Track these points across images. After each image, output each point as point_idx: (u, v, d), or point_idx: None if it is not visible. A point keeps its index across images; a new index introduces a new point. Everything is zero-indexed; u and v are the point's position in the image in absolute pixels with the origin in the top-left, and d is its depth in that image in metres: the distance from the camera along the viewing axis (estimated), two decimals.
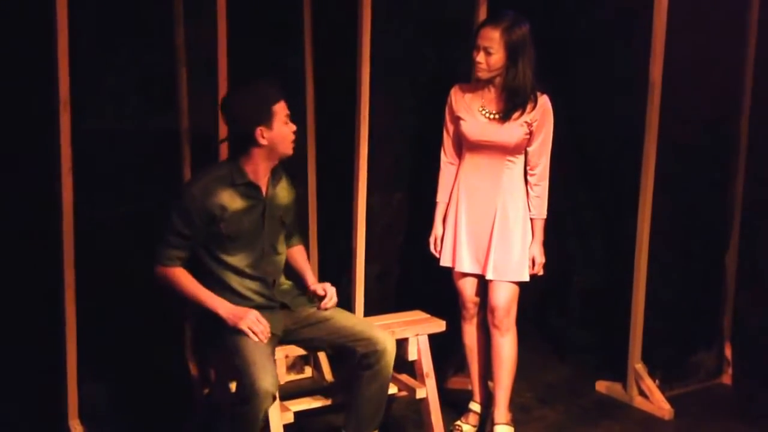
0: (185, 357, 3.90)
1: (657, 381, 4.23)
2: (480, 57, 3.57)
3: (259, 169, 3.26)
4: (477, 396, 3.95)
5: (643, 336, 4.21)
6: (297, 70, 4.12)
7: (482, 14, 4.12)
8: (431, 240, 3.85)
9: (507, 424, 3.81)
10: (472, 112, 3.68)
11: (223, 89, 3.69)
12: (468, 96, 3.70)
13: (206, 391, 3.89)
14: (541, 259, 3.73)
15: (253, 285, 3.31)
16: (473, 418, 3.92)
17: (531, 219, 3.71)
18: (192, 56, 3.76)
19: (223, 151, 3.67)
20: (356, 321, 3.44)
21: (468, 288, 3.81)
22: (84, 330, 3.44)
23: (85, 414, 3.48)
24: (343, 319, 3.40)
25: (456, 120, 3.72)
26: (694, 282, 4.45)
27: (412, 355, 3.64)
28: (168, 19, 3.71)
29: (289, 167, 3.44)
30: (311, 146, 4.20)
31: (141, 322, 3.75)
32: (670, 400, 4.16)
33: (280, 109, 3.21)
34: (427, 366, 3.64)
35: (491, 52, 3.54)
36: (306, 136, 4.15)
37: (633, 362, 4.22)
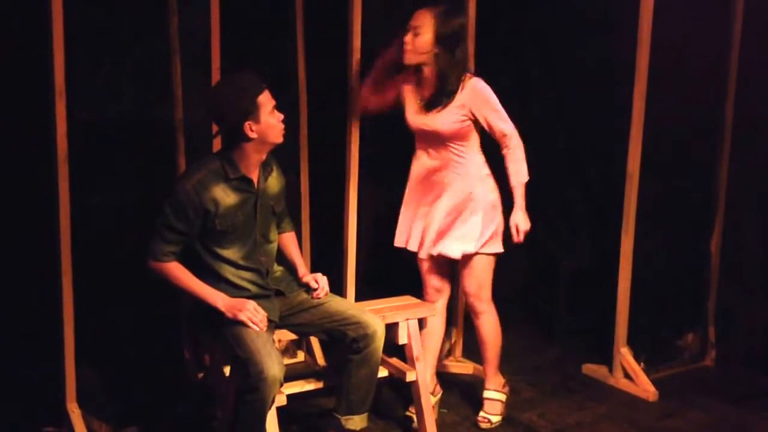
0: (180, 342, 3.96)
1: (642, 364, 4.29)
2: (408, 37, 3.54)
3: (250, 162, 3.25)
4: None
5: (628, 320, 4.27)
6: (289, 59, 4.15)
7: (471, 8, 4.16)
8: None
9: (497, 389, 3.91)
10: (411, 100, 3.71)
11: (216, 79, 3.72)
12: (410, 85, 3.72)
13: (200, 375, 3.95)
14: (525, 227, 3.69)
15: (248, 275, 3.33)
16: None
17: (512, 187, 3.68)
18: (185, 46, 3.79)
19: (217, 141, 3.68)
20: (348, 306, 3.49)
21: (425, 270, 3.85)
22: (81, 316, 3.48)
23: (82, 397, 3.53)
24: (335, 303, 3.45)
25: (399, 101, 3.74)
26: (679, 267, 4.51)
27: (402, 339, 3.68)
28: (161, 8, 3.74)
29: (283, 157, 3.47)
30: (303, 136, 4.24)
31: (136, 309, 3.80)
32: (654, 382, 4.22)
33: (265, 100, 3.18)
34: (417, 350, 3.69)
35: (419, 33, 3.52)
36: (299, 126, 4.19)
37: (618, 346, 4.29)
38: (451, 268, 3.91)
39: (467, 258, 3.75)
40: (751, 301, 4.54)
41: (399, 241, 3.88)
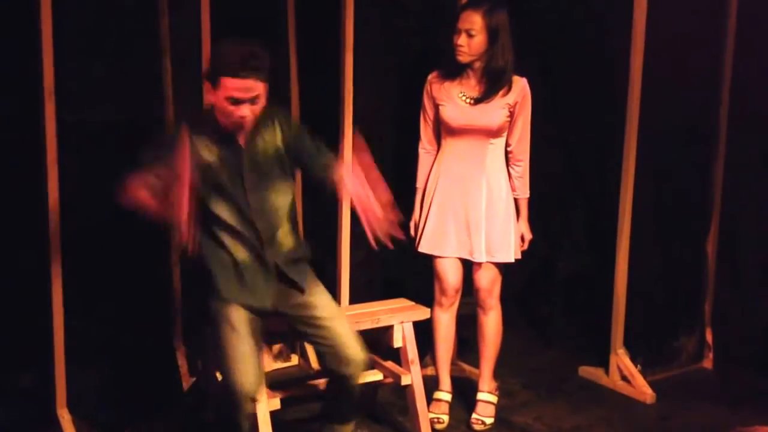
0: (172, 346, 3.91)
1: (639, 366, 4.26)
2: (461, 40, 3.60)
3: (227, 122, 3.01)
4: (445, 385, 3.94)
5: (625, 322, 4.25)
6: (281, 56, 4.10)
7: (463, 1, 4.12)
8: (411, 225, 3.87)
9: (490, 392, 3.90)
10: (452, 98, 3.71)
11: None
12: (447, 83, 3.72)
13: (193, 379, 3.91)
14: (529, 236, 3.82)
15: (242, 241, 3.10)
16: (445, 407, 3.91)
17: (516, 199, 3.78)
18: (176, 46, 3.76)
19: None
20: (344, 333, 3.15)
21: (451, 274, 3.81)
22: (71, 320, 3.45)
23: (72, 403, 3.50)
24: (335, 328, 3.15)
25: (435, 107, 3.75)
26: (676, 268, 4.48)
27: (397, 342, 3.66)
28: (152, 9, 3.71)
29: None
30: None
31: (128, 312, 3.76)
32: (651, 384, 4.20)
33: (229, 85, 2.89)
34: (412, 353, 3.67)
35: (473, 34, 3.58)
36: None
37: (615, 348, 4.26)
38: (467, 269, 3.87)
39: None
40: (748, 303, 4.50)
41: (430, 248, 3.79)
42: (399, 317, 3.67)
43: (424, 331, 3.89)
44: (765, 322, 4.43)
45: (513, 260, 3.78)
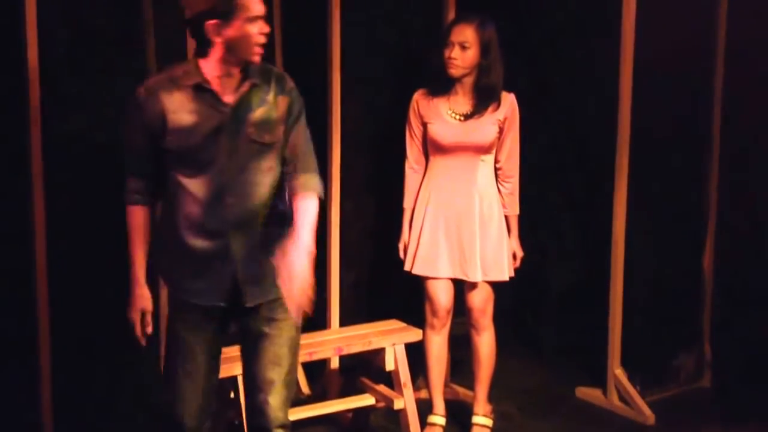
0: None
1: (637, 386, 4.19)
2: (455, 53, 3.57)
3: (219, 71, 2.61)
4: (439, 408, 3.86)
5: (621, 340, 4.17)
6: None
7: (450, 17, 4.10)
8: (400, 246, 3.81)
9: (486, 415, 3.84)
10: (441, 115, 3.66)
11: None
12: (434, 100, 3.68)
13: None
14: (521, 253, 3.80)
15: (206, 221, 2.64)
16: (439, 431, 3.84)
17: (506, 216, 3.74)
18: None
19: None
20: (271, 377, 2.75)
21: (443, 295, 3.74)
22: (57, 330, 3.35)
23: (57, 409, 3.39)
24: (271, 377, 2.75)
25: (423, 125, 3.70)
26: (671, 282, 4.42)
27: (389, 365, 3.62)
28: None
29: None
30: None
31: (114, 323, 3.61)
32: (650, 405, 4.13)
33: (251, 2, 2.55)
34: (405, 376, 3.63)
35: (466, 47, 3.57)
36: None
37: (612, 368, 4.19)
38: (458, 289, 3.82)
39: None
40: (747, 318, 4.41)
41: (422, 269, 3.71)
42: (391, 339, 3.64)
43: (417, 352, 3.82)
44: (764, 336, 4.34)
45: (507, 279, 3.74)
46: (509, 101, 3.66)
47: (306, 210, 2.68)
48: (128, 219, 2.73)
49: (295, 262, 2.57)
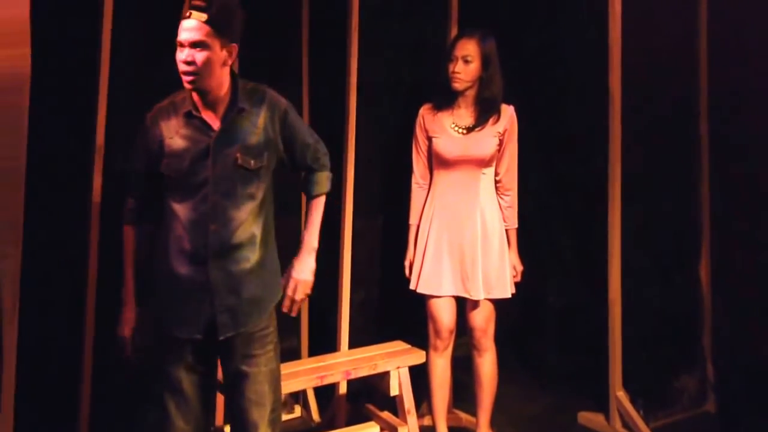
0: None
1: (640, 411, 4.08)
2: (458, 67, 3.63)
3: (204, 97, 2.65)
4: None
5: (622, 362, 4.07)
6: (296, 98, 4.00)
7: (454, 33, 4.14)
8: (406, 264, 3.77)
9: None
10: (445, 129, 3.66)
11: None
12: (439, 114, 3.71)
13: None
14: (520, 267, 3.80)
15: (190, 248, 2.65)
16: None
17: (506, 229, 3.74)
18: None
19: None
20: (258, 422, 2.75)
21: (445, 315, 3.70)
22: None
23: None
24: (251, 417, 2.73)
25: (428, 139, 3.70)
26: (670, 300, 4.33)
27: (393, 390, 3.56)
28: None
29: (281, 195, 2.96)
30: None
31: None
32: (654, 431, 4.03)
33: (180, 31, 2.58)
34: (409, 402, 3.57)
35: (469, 60, 3.63)
36: None
37: (614, 391, 4.08)
38: (461, 307, 3.77)
39: None
40: (751, 334, 4.30)
41: (426, 288, 3.66)
42: (395, 362, 3.58)
43: (421, 374, 3.75)
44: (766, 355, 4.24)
45: (510, 296, 3.70)
46: (509, 114, 3.69)
47: (311, 211, 2.88)
48: (124, 237, 2.82)
49: (300, 262, 2.80)
